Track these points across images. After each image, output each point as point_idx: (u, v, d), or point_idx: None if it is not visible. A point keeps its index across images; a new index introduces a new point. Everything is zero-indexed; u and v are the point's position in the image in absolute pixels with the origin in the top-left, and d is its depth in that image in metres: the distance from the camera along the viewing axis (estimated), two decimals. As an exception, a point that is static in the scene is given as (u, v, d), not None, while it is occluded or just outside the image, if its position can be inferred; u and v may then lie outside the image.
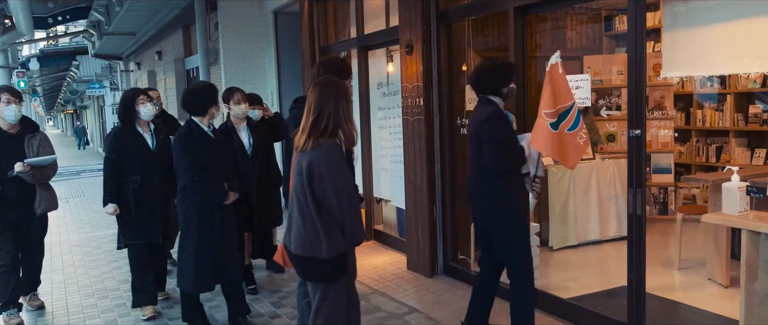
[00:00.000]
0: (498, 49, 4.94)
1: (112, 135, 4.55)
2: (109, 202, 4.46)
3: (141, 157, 4.49)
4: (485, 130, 3.46)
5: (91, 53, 17.64)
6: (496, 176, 3.51)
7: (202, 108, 4.10)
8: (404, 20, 5.25)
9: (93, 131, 31.42)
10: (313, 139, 2.85)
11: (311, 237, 2.87)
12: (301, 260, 2.95)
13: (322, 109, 2.85)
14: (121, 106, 4.62)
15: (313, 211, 2.85)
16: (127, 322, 4.66)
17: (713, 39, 3.23)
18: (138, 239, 4.58)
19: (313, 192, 2.84)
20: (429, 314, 4.48)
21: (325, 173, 2.81)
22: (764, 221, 3.02)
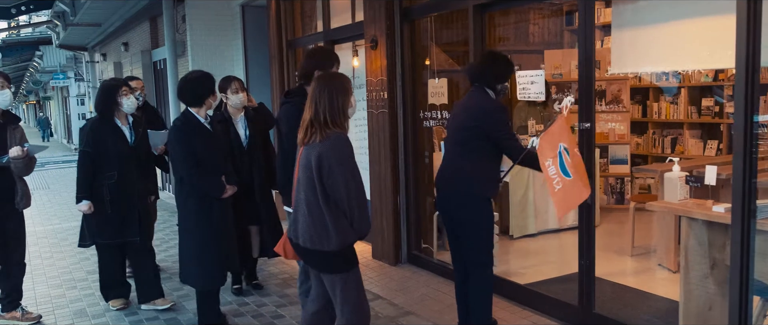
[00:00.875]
0: (460, 44, 5.09)
1: (89, 127, 4.33)
2: (83, 198, 4.28)
3: (118, 152, 4.29)
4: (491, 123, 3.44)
5: (56, 44, 17.34)
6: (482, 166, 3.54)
7: (198, 98, 3.96)
8: (369, 16, 5.38)
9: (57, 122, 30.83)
10: (319, 133, 2.87)
11: (319, 230, 2.88)
12: (310, 252, 2.96)
13: (318, 102, 2.89)
14: (100, 97, 4.38)
15: (322, 203, 2.86)
16: (96, 311, 4.72)
17: (657, 37, 3.44)
18: (111, 237, 4.38)
19: (323, 184, 2.85)
20: (392, 301, 4.65)
21: (335, 165, 2.82)
22: (701, 208, 3.24)
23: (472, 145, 3.54)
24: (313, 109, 2.90)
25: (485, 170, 3.57)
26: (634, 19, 3.53)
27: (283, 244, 3.16)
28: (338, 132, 2.88)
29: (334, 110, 2.89)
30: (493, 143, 3.50)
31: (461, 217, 3.63)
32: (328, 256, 2.91)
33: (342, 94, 2.93)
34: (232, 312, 4.53)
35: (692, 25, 3.23)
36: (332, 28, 6.43)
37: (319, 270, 3.04)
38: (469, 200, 3.58)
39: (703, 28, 3.15)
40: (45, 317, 4.61)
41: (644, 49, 3.50)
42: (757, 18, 2.74)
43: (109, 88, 4.38)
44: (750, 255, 2.87)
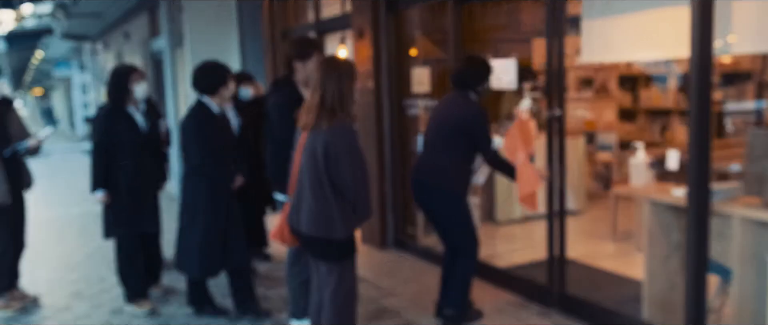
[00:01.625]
0: (443, 34, 5.20)
1: (102, 116, 4.22)
2: (98, 188, 4.18)
3: (132, 140, 4.20)
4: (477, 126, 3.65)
5: (58, 35, 17.50)
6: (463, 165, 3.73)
7: (213, 87, 3.91)
8: (356, 7, 5.51)
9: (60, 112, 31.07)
10: (326, 120, 2.85)
11: (325, 218, 2.88)
12: (315, 240, 2.96)
13: (326, 88, 2.87)
14: (112, 83, 4.26)
15: (329, 192, 2.85)
16: (92, 292, 4.90)
17: (624, 28, 3.56)
18: (130, 227, 4.29)
19: (329, 172, 2.86)
20: (378, 284, 4.81)
21: (343, 154, 2.82)
22: (662, 192, 3.38)
23: (453, 144, 3.71)
24: (320, 94, 2.88)
25: (463, 169, 3.77)
26: (603, 10, 3.65)
27: (280, 230, 3.16)
28: (345, 120, 2.89)
29: (342, 96, 2.88)
30: (472, 145, 3.69)
31: (437, 210, 3.82)
32: (333, 244, 2.94)
33: (349, 79, 2.92)
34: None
35: (656, 15, 3.35)
36: (322, 19, 6.55)
37: (321, 258, 3.05)
38: (446, 195, 3.76)
39: (665, 18, 3.27)
40: (44, 299, 4.79)
41: (612, 39, 3.62)
42: (709, 9, 2.86)
43: (121, 74, 4.27)
44: (705, 237, 3.01)
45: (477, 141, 3.67)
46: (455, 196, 3.76)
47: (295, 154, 3.05)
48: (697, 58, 2.89)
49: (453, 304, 3.86)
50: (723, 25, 2.96)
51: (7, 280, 4.56)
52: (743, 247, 2.97)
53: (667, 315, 3.44)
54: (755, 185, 2.92)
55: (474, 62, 3.84)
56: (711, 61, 2.89)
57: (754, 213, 2.92)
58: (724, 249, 3.08)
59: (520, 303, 4.25)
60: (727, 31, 2.98)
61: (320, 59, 3.07)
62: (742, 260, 2.98)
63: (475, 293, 4.26)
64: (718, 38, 2.92)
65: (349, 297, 3.10)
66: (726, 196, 3.08)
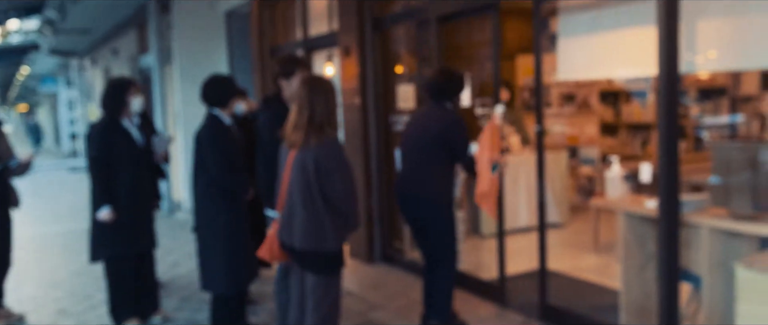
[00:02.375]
0: (426, 51, 5.34)
1: (98, 131, 4.12)
2: (103, 205, 4.04)
3: (130, 155, 4.13)
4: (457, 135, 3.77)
5: (45, 51, 17.51)
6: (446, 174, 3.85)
7: (224, 99, 3.91)
8: (342, 26, 5.65)
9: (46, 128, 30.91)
10: (315, 137, 2.96)
11: (318, 231, 2.97)
12: (309, 254, 3.04)
13: (314, 105, 2.96)
14: (109, 96, 4.17)
15: (321, 205, 2.95)
16: (78, 310, 4.94)
17: (598, 46, 3.72)
18: (127, 247, 4.17)
19: (321, 187, 2.95)
20: (365, 297, 4.90)
21: (334, 169, 2.93)
22: (636, 204, 3.52)
23: (434, 154, 3.82)
24: (308, 112, 2.96)
25: (446, 178, 3.89)
26: (578, 29, 3.81)
27: (269, 247, 3.22)
28: (333, 136, 3.01)
29: (329, 113, 3.00)
30: (451, 153, 3.81)
31: (426, 220, 3.91)
32: (326, 257, 3.03)
33: (333, 96, 3.05)
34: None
35: (627, 35, 3.51)
36: (310, 37, 6.69)
37: (312, 271, 3.10)
38: (434, 205, 3.86)
39: (636, 38, 3.43)
40: (29, 316, 4.82)
41: (587, 57, 3.78)
42: (675, 30, 3.02)
43: (118, 87, 4.21)
44: (676, 247, 3.14)
45: (456, 149, 3.79)
46: (442, 205, 3.86)
47: (284, 172, 3.13)
48: (664, 76, 3.05)
49: (437, 315, 3.96)
50: (689, 45, 3.12)
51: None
52: (712, 255, 3.10)
53: (644, 323, 3.57)
54: (722, 197, 3.06)
55: (448, 74, 3.95)
56: (677, 79, 3.05)
57: (721, 223, 3.06)
58: (694, 258, 3.21)
59: (503, 314, 4.35)
60: (692, 50, 3.14)
61: (303, 78, 3.16)
62: (711, 268, 3.11)
63: (460, 305, 4.37)
64: (684, 57, 3.08)
65: (333, 309, 3.19)
66: (695, 207, 3.22)
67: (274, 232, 3.22)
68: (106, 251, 4.17)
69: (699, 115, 7.07)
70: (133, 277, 4.26)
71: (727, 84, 6.64)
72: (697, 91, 7.09)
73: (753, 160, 2.94)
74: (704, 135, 7.06)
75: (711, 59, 3.18)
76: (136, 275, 4.28)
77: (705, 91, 6.96)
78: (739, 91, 6.51)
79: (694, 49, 3.15)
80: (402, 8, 5.47)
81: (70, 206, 10.51)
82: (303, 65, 3.87)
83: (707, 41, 3.14)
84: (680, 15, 3.01)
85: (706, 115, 6.87)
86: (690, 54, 3.15)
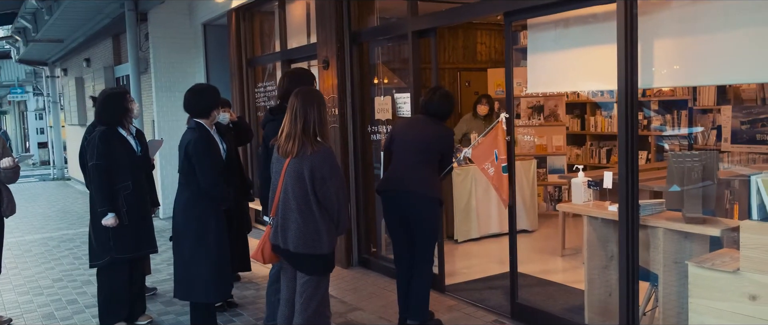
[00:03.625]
0: (402, 63, 5.58)
1: (98, 139, 4.17)
2: (108, 212, 4.13)
3: (130, 162, 4.23)
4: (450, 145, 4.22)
5: (15, 59, 17.32)
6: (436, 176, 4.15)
7: (206, 110, 4.01)
8: (321, 38, 5.86)
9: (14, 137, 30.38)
10: (309, 145, 3.13)
11: (313, 235, 3.16)
12: (304, 257, 3.21)
13: (307, 116, 3.14)
14: (106, 105, 4.26)
15: (316, 211, 3.13)
16: (64, 315, 5.03)
17: (564, 62, 4.00)
18: (130, 251, 4.26)
19: (316, 194, 3.13)
20: (342, 299, 5.09)
21: (328, 176, 3.12)
22: (599, 208, 3.79)
23: (427, 159, 4.13)
24: (302, 122, 3.13)
25: (436, 178, 4.17)
26: (545, 46, 4.08)
27: (261, 249, 3.39)
28: (326, 145, 3.20)
29: (322, 123, 3.18)
30: (439, 159, 4.15)
31: (419, 216, 4.13)
32: (320, 258, 3.22)
33: (325, 108, 3.26)
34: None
35: (591, 51, 3.79)
36: (289, 49, 6.88)
37: (307, 272, 3.28)
38: (427, 202, 4.12)
39: (599, 54, 3.71)
40: (15, 321, 4.89)
41: (554, 71, 4.06)
42: (633, 48, 3.30)
43: (116, 96, 4.30)
44: (635, 247, 3.41)
45: (446, 156, 4.17)
46: (434, 203, 4.14)
47: (279, 180, 3.28)
48: (623, 90, 3.33)
49: (416, 315, 4.17)
50: (646, 61, 3.41)
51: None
52: (667, 255, 3.38)
53: (607, 319, 3.83)
54: (675, 201, 3.34)
55: (448, 96, 4.25)
56: (635, 93, 3.33)
57: (674, 225, 3.34)
58: (652, 257, 3.49)
59: (475, 315, 4.58)
60: (650, 67, 3.43)
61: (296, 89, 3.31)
62: (666, 267, 3.38)
63: (435, 305, 4.59)
64: (642, 72, 3.37)
65: (321, 307, 3.38)
66: (653, 211, 3.50)
67: (266, 235, 3.39)
68: (108, 256, 4.23)
69: (660, 126, 7.45)
70: (126, 282, 4.33)
71: (687, 97, 7.02)
72: (658, 104, 7.48)
73: (702, 169, 3.23)
74: (665, 145, 7.44)
75: (666, 75, 3.47)
76: (129, 279, 4.35)
77: (666, 104, 7.35)
78: (698, 104, 6.89)
79: (652, 65, 3.44)
80: (379, 22, 5.71)
81: (43, 215, 10.47)
82: (315, 79, 4.07)
83: (663, 58, 3.43)
84: (638, 34, 3.30)
85: (667, 127, 7.25)
86: (648, 70, 3.44)
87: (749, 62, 3.11)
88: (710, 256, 3.07)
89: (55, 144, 17.38)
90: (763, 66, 3.07)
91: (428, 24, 4.79)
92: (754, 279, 2.76)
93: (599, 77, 3.70)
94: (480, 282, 5.25)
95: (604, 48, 3.55)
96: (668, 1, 3.38)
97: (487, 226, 6.80)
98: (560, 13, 3.83)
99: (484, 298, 4.80)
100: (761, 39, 3.02)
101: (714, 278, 2.90)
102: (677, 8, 3.34)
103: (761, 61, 3.05)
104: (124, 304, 4.36)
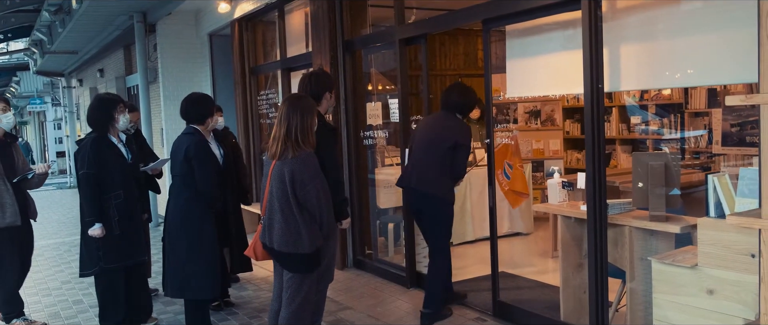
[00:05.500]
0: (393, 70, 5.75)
1: (89, 147, 4.13)
2: (95, 222, 4.09)
3: (120, 170, 4.21)
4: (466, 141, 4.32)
5: (33, 70, 17.81)
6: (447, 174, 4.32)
7: (202, 117, 4.18)
8: (316, 47, 6.05)
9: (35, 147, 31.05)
10: (291, 149, 3.28)
11: (294, 235, 3.28)
12: (286, 256, 3.36)
13: (291, 121, 3.30)
14: (97, 111, 4.24)
15: (296, 213, 3.26)
16: (69, 314, 5.26)
17: (538, 68, 4.15)
18: (122, 260, 4.23)
19: (296, 196, 3.27)
20: (335, 299, 5.25)
21: (308, 180, 3.25)
22: (574, 208, 3.92)
23: (438, 154, 4.30)
24: (285, 127, 3.30)
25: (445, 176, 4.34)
26: (522, 52, 4.24)
27: (253, 246, 3.56)
28: (308, 149, 3.31)
29: (304, 129, 3.31)
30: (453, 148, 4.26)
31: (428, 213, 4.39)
32: (302, 257, 3.34)
33: (310, 115, 3.36)
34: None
35: (563, 57, 3.94)
36: (288, 57, 7.09)
37: (290, 270, 3.44)
38: (436, 200, 4.35)
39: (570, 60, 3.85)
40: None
41: (531, 76, 4.20)
42: (599, 53, 3.44)
43: (107, 103, 4.29)
44: (603, 244, 3.54)
45: (461, 146, 4.29)
46: (441, 201, 4.35)
47: (267, 181, 3.46)
48: (588, 93, 3.46)
49: (429, 302, 4.42)
50: (613, 65, 3.55)
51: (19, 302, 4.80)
52: (633, 252, 3.50)
53: (581, 316, 3.95)
54: (642, 200, 3.46)
55: (461, 89, 4.47)
56: (601, 96, 3.46)
57: (641, 223, 3.46)
58: (620, 255, 3.61)
59: (460, 312, 4.72)
60: (617, 70, 3.57)
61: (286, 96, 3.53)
62: (633, 263, 3.51)
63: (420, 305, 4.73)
64: (610, 76, 3.51)
65: (304, 303, 3.54)
66: (622, 210, 3.63)
67: (257, 234, 3.58)
68: (97, 266, 4.23)
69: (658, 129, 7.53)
70: (124, 287, 4.33)
71: (681, 100, 7.10)
72: (655, 107, 7.56)
73: (666, 169, 3.35)
74: (663, 147, 7.51)
75: (633, 78, 3.60)
76: (126, 285, 4.36)
77: (664, 106, 7.43)
78: (689, 107, 6.97)
79: (619, 68, 3.58)
80: (371, 31, 5.90)
81: (58, 221, 10.78)
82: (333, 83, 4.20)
83: (629, 62, 3.56)
84: (603, 39, 3.44)
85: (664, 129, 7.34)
86: (615, 73, 3.57)
87: (710, 65, 3.24)
88: (673, 253, 3.18)
89: (72, 153, 17.80)
90: (722, 68, 3.19)
91: (414, 32, 4.97)
92: (711, 274, 2.86)
93: (569, 81, 3.83)
94: (469, 282, 5.38)
95: (574, 53, 3.68)
96: (632, 6, 3.51)
97: (482, 229, 6.91)
98: (534, 20, 3.98)
99: (471, 296, 4.94)
100: (720, 42, 3.15)
101: (675, 274, 3.02)
102: (641, 13, 3.47)
103: (720, 64, 3.18)
104: (120, 307, 4.33)
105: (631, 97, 7.86)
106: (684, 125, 7.03)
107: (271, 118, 7.85)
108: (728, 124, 6.35)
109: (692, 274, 2.95)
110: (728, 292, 2.68)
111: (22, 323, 4.79)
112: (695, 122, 7.00)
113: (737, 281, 2.64)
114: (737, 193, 2.77)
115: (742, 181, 2.76)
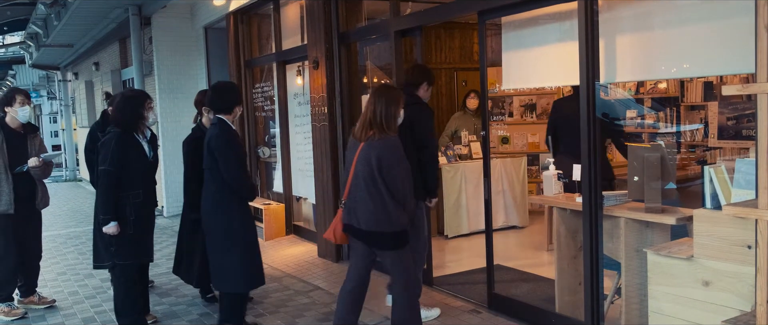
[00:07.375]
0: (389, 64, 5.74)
1: (115, 143, 4.00)
2: (111, 220, 3.98)
3: (142, 169, 4.13)
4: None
5: (29, 63, 17.73)
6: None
7: (229, 106, 4.08)
8: (311, 40, 6.03)
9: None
10: (377, 133, 3.45)
11: (381, 215, 3.45)
12: (374, 234, 3.51)
13: (376, 108, 3.49)
14: (124, 108, 4.12)
15: (384, 193, 3.42)
16: (64, 304, 5.24)
17: (534, 59, 4.13)
18: (132, 258, 4.15)
19: (383, 178, 3.43)
20: (330, 291, 5.25)
21: (395, 164, 3.43)
22: (569, 200, 3.91)
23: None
24: (371, 112, 3.50)
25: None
26: (517, 44, 4.22)
27: (333, 229, 3.68)
28: (392, 135, 3.49)
29: (389, 116, 3.49)
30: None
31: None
32: (390, 235, 3.48)
33: (395, 104, 3.54)
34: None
35: (559, 49, 3.92)
36: (283, 50, 7.06)
37: (380, 248, 3.57)
38: None
39: (566, 52, 3.83)
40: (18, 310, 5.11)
41: (525, 68, 4.19)
42: (594, 45, 3.43)
43: (135, 99, 4.19)
44: (599, 236, 3.54)
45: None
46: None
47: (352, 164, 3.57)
48: (584, 85, 3.45)
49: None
50: (609, 57, 3.53)
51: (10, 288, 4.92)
52: (628, 243, 3.50)
53: (576, 307, 3.95)
54: (637, 192, 3.45)
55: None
56: (597, 87, 3.45)
57: (635, 215, 3.45)
58: (615, 246, 3.61)
59: (455, 304, 4.72)
60: (612, 62, 3.56)
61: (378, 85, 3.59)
62: (628, 254, 3.50)
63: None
64: (605, 68, 3.49)
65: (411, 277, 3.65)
66: (617, 202, 3.62)
67: (338, 217, 3.66)
68: (111, 261, 4.25)
69: (655, 123, 7.52)
70: (137, 286, 4.27)
71: (677, 94, 7.10)
72: (651, 100, 7.55)
73: (661, 161, 3.34)
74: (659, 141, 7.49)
75: (628, 69, 3.59)
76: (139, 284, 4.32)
77: (660, 99, 7.42)
78: (685, 100, 6.97)
79: (614, 60, 3.56)
80: (366, 23, 5.87)
81: (54, 214, 10.74)
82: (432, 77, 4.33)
83: (624, 54, 3.55)
84: (599, 31, 3.43)
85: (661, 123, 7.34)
86: (610, 65, 3.56)
87: (706, 56, 3.23)
88: (668, 244, 3.18)
89: (68, 146, 17.74)
90: (718, 59, 3.19)
91: (408, 24, 4.95)
92: (707, 266, 2.86)
93: (564, 73, 3.82)
94: (465, 275, 5.38)
95: (570, 45, 3.67)
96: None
97: (477, 222, 6.91)
98: (530, 12, 3.97)
99: (466, 289, 4.94)
100: (716, 33, 3.14)
101: (670, 265, 3.01)
102: (637, 4, 3.46)
103: (716, 55, 3.17)
104: (136, 308, 4.26)
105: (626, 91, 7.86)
106: (680, 119, 7.03)
107: (266, 110, 7.83)
108: (724, 117, 6.34)
109: (688, 265, 2.95)
110: (724, 283, 2.68)
111: (5, 307, 4.89)
112: (691, 116, 6.99)
113: (733, 272, 2.63)
114: (734, 184, 2.76)
115: (738, 172, 2.75)
